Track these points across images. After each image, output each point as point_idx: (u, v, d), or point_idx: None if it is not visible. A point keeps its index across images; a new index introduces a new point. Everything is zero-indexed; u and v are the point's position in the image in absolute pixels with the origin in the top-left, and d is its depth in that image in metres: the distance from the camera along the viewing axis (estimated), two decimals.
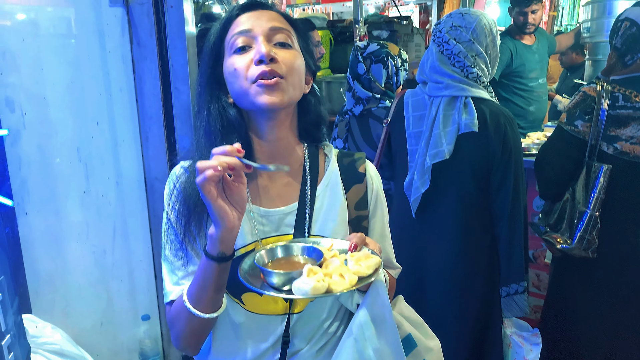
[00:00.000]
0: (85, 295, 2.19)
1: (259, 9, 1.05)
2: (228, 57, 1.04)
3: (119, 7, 2.23)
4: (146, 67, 2.31)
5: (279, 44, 1.02)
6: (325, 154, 1.17)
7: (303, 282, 0.84)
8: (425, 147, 1.91)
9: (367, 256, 0.91)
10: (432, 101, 1.93)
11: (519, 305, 1.89)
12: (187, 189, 1.04)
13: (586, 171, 1.94)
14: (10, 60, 1.83)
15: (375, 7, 7.90)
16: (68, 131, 2.06)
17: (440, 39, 1.92)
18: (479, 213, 1.93)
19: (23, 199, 1.89)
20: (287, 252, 0.97)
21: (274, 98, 0.99)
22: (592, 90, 1.97)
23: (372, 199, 1.16)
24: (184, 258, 1.06)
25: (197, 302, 0.97)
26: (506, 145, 1.84)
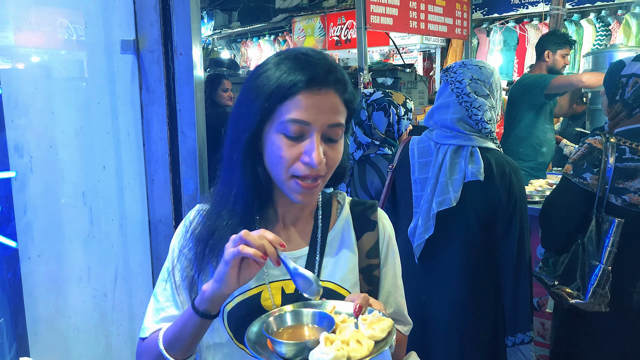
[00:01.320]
0: (83, 339, 2.16)
1: (326, 88, 0.98)
2: (276, 132, 0.98)
3: (130, 54, 2.29)
4: (154, 111, 2.35)
5: (331, 140, 1.00)
6: (338, 201, 1.18)
7: (322, 352, 0.82)
8: (431, 194, 1.93)
9: (379, 319, 0.90)
10: (439, 148, 1.96)
11: (525, 355, 1.86)
12: (197, 235, 1.07)
13: (596, 224, 1.94)
14: (21, 106, 1.87)
15: (380, 54, 8.08)
16: (75, 175, 2.09)
17: (460, 90, 1.94)
18: (484, 261, 1.93)
19: (27, 243, 1.89)
20: (296, 319, 0.95)
21: (308, 199, 1.02)
22: (598, 142, 1.98)
23: (383, 248, 1.16)
24: (172, 301, 1.08)
25: (171, 346, 1.00)
26: (511, 194, 1.86)
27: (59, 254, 2.03)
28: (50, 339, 2.02)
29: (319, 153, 0.96)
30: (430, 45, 7.60)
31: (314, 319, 0.94)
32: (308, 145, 0.97)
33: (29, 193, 1.90)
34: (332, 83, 0.99)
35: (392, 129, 2.49)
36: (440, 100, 2.02)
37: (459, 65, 2.00)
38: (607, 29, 6.26)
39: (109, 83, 2.23)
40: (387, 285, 1.16)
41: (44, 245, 1.96)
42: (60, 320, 2.06)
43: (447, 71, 2.02)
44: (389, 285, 1.16)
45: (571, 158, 2.06)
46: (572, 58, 6.40)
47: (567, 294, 1.97)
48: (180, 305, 1.08)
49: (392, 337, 0.88)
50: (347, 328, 0.88)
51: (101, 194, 2.20)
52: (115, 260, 2.28)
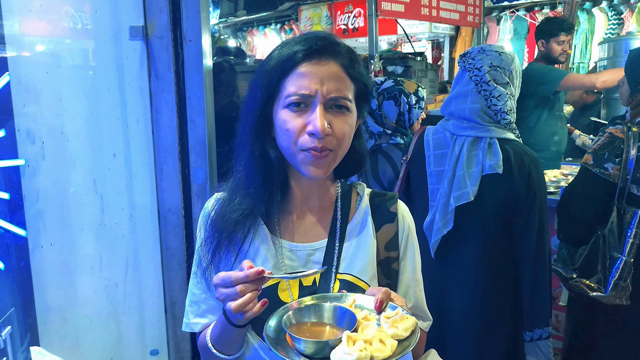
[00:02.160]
0: (95, 329, 2.15)
1: (325, 58, 0.99)
2: (282, 107, 1.00)
3: (138, 40, 2.26)
4: (163, 99, 2.32)
5: (336, 107, 0.99)
6: (357, 193, 1.17)
7: (344, 353, 0.79)
8: (448, 188, 1.87)
9: (402, 317, 0.87)
10: (456, 140, 1.89)
11: (543, 351, 1.82)
12: (216, 224, 1.07)
13: (617, 215, 1.90)
14: (32, 91, 1.84)
15: (388, 43, 8.01)
16: (86, 163, 2.07)
17: (479, 78, 1.85)
18: (502, 255, 1.88)
19: (39, 232, 1.88)
20: (316, 314, 0.92)
21: (319, 171, 1.00)
22: (619, 131, 1.94)
23: (402, 240, 1.14)
24: (207, 292, 1.10)
25: (218, 345, 1.04)
26: (530, 187, 1.80)
27: (71, 243, 2.02)
28: (61, 329, 2.01)
29: (322, 120, 0.95)
30: (439, 34, 7.53)
31: (335, 314, 0.91)
32: (311, 114, 0.97)
33: (40, 181, 1.88)
34: (333, 54, 0.99)
35: (403, 118, 2.45)
36: (458, 89, 1.93)
37: (477, 50, 1.91)
38: (619, 17, 6.17)
39: (117, 70, 2.20)
40: (406, 279, 1.14)
41: (55, 234, 1.94)
42: (71, 309, 2.05)
43: (464, 57, 1.94)
44: (408, 278, 1.14)
45: (591, 148, 2.01)
46: (584, 47, 6.32)
47: (586, 287, 1.93)
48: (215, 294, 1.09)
49: (415, 337, 0.85)
50: (369, 326, 0.85)
51: (111, 182, 2.18)
52: (125, 249, 2.27)
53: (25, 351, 1.52)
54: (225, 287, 0.89)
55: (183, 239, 2.34)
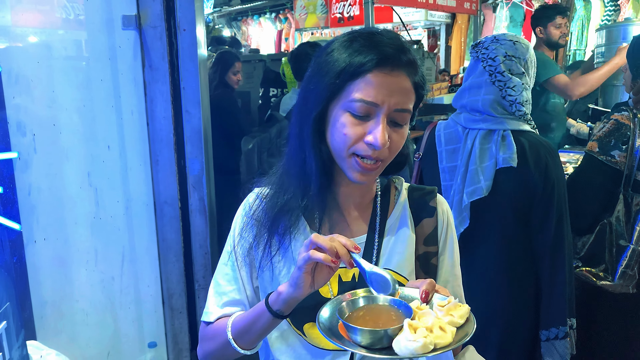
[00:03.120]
0: (91, 323, 2.14)
1: (397, 69, 0.96)
2: (343, 109, 0.97)
3: (131, 30, 2.22)
4: (158, 90, 2.29)
5: (397, 121, 0.98)
6: (395, 187, 1.17)
7: (409, 340, 0.78)
8: (461, 184, 1.80)
9: (456, 305, 0.86)
10: (468, 134, 1.82)
11: (559, 351, 1.74)
12: (259, 217, 1.08)
13: (624, 203, 1.88)
14: (23, 83, 1.81)
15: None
16: (79, 155, 2.04)
17: (493, 69, 1.77)
18: (522, 252, 1.81)
19: (32, 226, 1.85)
20: (371, 304, 0.91)
21: (365, 179, 1.00)
22: (625, 118, 1.92)
23: (442, 235, 1.13)
24: (234, 285, 1.10)
25: (240, 337, 1.02)
26: (548, 179, 1.72)
27: (65, 237, 2.00)
28: (58, 323, 2.00)
29: (383, 135, 0.94)
30: (435, 22, 7.47)
31: (389, 304, 0.90)
32: (373, 125, 0.95)
33: (33, 174, 1.85)
34: (404, 64, 0.96)
35: None
36: (471, 80, 1.84)
37: (491, 40, 1.82)
38: (615, 4, 6.14)
39: (110, 60, 2.17)
40: (445, 274, 1.14)
41: (49, 228, 1.92)
42: (67, 304, 2.03)
43: (476, 47, 1.85)
44: (447, 273, 1.14)
45: (596, 135, 1.99)
46: (580, 34, 6.29)
47: (593, 276, 1.92)
48: (242, 288, 1.10)
49: (472, 324, 0.84)
50: (427, 315, 0.84)
51: (106, 174, 2.15)
52: (121, 242, 2.25)
53: (21, 347, 1.51)
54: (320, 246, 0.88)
55: (179, 231, 2.33)
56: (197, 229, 2.34)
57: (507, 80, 1.75)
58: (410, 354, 0.77)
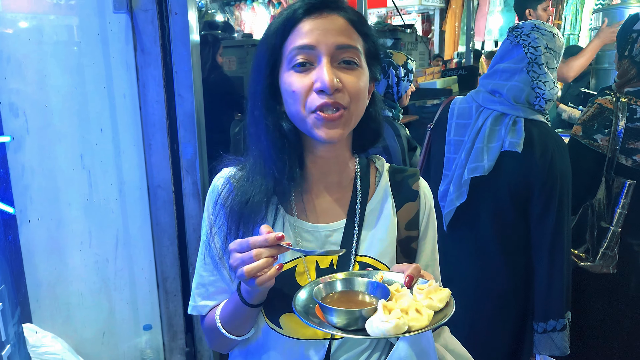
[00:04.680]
0: (86, 305, 2.16)
1: (327, 12, 0.92)
2: (286, 70, 0.93)
3: (122, 13, 2.21)
4: (150, 74, 2.29)
5: (344, 63, 0.92)
6: (376, 168, 1.11)
7: (381, 321, 0.76)
8: (465, 159, 1.80)
9: (436, 289, 0.84)
10: (481, 112, 1.81)
11: (557, 343, 1.73)
12: (229, 204, 1.01)
13: (606, 186, 1.90)
14: (14, 65, 1.81)
15: (377, 16, 7.92)
16: (71, 138, 2.05)
17: (534, 58, 1.73)
18: (517, 240, 1.81)
19: (26, 206, 1.86)
20: (347, 287, 0.89)
21: (333, 133, 0.92)
22: (608, 102, 1.93)
23: (423, 219, 1.09)
24: (216, 275, 1.06)
25: (229, 327, 1.00)
26: (552, 172, 1.70)
27: (59, 218, 2.01)
28: (53, 305, 2.02)
29: (329, 73, 0.88)
30: (428, 7, 7.45)
31: (366, 287, 0.88)
32: (318, 70, 0.90)
33: (25, 155, 1.86)
34: (335, 8, 0.93)
35: (392, 91, 2.43)
36: (507, 64, 1.79)
37: (531, 27, 1.77)
38: None
39: (102, 44, 2.16)
40: (425, 258, 1.11)
41: (43, 208, 1.93)
42: (62, 286, 2.05)
43: (515, 31, 1.81)
44: (427, 258, 1.11)
45: (580, 119, 2.01)
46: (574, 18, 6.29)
47: (575, 257, 1.95)
48: (226, 276, 1.05)
49: (451, 308, 0.83)
50: (404, 297, 0.83)
51: (99, 157, 2.16)
52: (115, 225, 2.26)
53: (16, 324, 1.53)
54: (240, 252, 0.84)
55: (173, 215, 2.34)
56: (190, 212, 2.35)
57: (542, 74, 1.73)
58: (382, 335, 0.76)
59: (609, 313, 2.01)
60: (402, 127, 2.43)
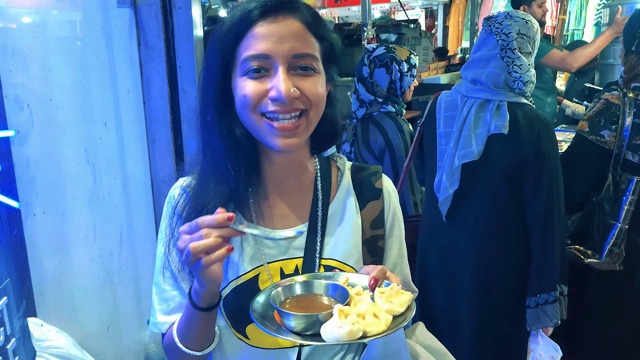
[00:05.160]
0: (91, 299, 2.16)
1: (283, 14, 0.88)
2: (240, 75, 0.88)
3: (126, 7, 2.22)
4: (154, 68, 2.29)
5: (302, 69, 0.88)
6: (337, 167, 1.08)
7: (336, 327, 0.74)
8: (454, 147, 1.85)
9: (397, 292, 0.82)
10: (465, 102, 1.87)
11: (549, 315, 1.77)
12: (188, 216, 0.95)
13: (613, 182, 1.89)
14: (19, 59, 1.81)
15: (381, 11, 7.90)
16: (76, 132, 2.05)
17: (505, 44, 1.81)
18: (512, 219, 1.85)
19: (31, 200, 1.87)
20: (306, 291, 0.86)
21: (290, 142, 0.89)
22: (615, 97, 1.92)
23: (389, 217, 1.06)
24: (177, 289, 1.01)
25: (186, 341, 0.94)
26: (539, 150, 1.75)
27: (64, 212, 2.01)
28: (57, 299, 2.02)
29: (285, 82, 0.84)
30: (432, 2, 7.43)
31: (326, 290, 0.86)
32: (273, 79, 0.86)
33: (30, 148, 1.86)
34: (290, 10, 0.88)
35: (395, 86, 2.43)
36: (482, 53, 1.88)
37: (504, 15, 1.86)
38: None
39: (106, 38, 2.16)
40: (393, 256, 1.08)
41: (47, 202, 1.93)
42: (66, 280, 2.05)
43: (489, 20, 1.88)
44: (395, 256, 1.08)
45: (586, 114, 1.99)
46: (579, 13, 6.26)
47: (581, 253, 1.94)
48: (185, 290, 1.00)
49: (411, 312, 0.81)
50: (362, 301, 0.80)
51: (103, 152, 2.16)
52: (119, 219, 2.26)
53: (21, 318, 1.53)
54: (189, 234, 0.80)
55: None
56: None
57: (516, 58, 1.80)
58: (336, 341, 0.74)
59: (614, 310, 2.00)
60: (405, 123, 2.42)
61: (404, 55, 2.44)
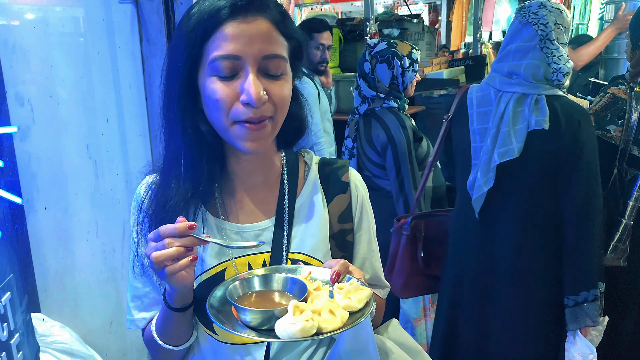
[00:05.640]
0: (94, 294, 2.17)
1: (252, 14, 0.86)
2: (208, 75, 0.87)
3: (128, 3, 2.22)
4: (156, 64, 2.29)
5: (271, 71, 0.88)
6: (305, 162, 1.08)
7: (289, 323, 0.74)
8: (491, 145, 1.78)
9: (356, 288, 0.81)
10: (501, 96, 1.80)
11: (589, 314, 1.71)
12: (153, 213, 0.96)
13: (618, 178, 1.87)
14: (20, 55, 1.81)
15: (384, 6, 7.88)
16: (78, 128, 2.05)
17: (544, 34, 1.74)
18: (549, 215, 1.79)
19: (32, 195, 1.87)
20: (264, 285, 0.86)
21: (257, 145, 0.90)
22: (622, 92, 1.90)
23: (357, 211, 1.06)
24: (149, 285, 1.02)
25: (165, 337, 0.96)
26: (577, 142, 1.70)
27: (66, 207, 2.02)
28: (60, 295, 2.03)
29: (256, 87, 0.84)
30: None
31: (285, 284, 0.85)
32: (243, 81, 0.85)
33: (32, 144, 1.86)
34: (260, 8, 0.87)
35: (397, 82, 2.42)
36: (519, 44, 1.79)
37: (538, 5, 1.78)
38: None
39: (107, 34, 2.16)
40: (363, 251, 1.07)
41: (49, 198, 1.94)
42: (69, 275, 2.06)
43: (523, 10, 1.81)
44: (364, 250, 1.07)
45: (592, 109, 1.98)
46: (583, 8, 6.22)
47: None
48: (158, 285, 1.01)
49: (369, 308, 0.80)
50: (320, 297, 0.79)
51: (105, 147, 2.17)
52: (122, 215, 2.27)
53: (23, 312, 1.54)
54: (155, 241, 0.81)
55: None
56: None
57: (555, 49, 1.74)
58: (289, 337, 0.74)
59: (619, 306, 1.99)
60: (407, 118, 2.42)
61: (406, 50, 2.43)
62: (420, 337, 2.44)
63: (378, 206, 2.45)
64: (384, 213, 2.42)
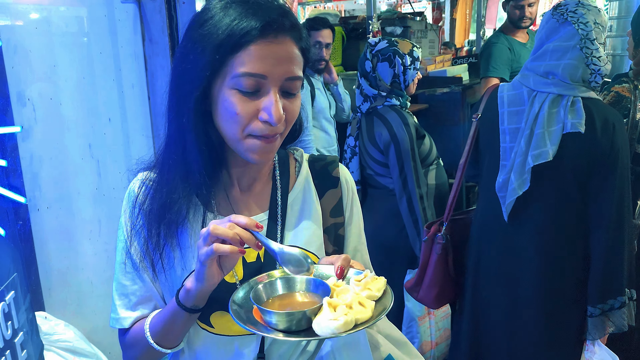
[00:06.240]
0: (98, 293, 2.18)
1: (282, 35, 0.87)
2: (229, 87, 0.87)
3: (130, 3, 2.22)
4: (158, 63, 2.29)
5: (289, 90, 0.90)
6: (295, 159, 1.10)
7: (329, 319, 0.74)
8: (525, 146, 1.74)
9: (373, 279, 0.84)
10: (535, 96, 1.75)
11: (615, 322, 1.68)
12: (148, 207, 0.97)
13: None
14: (22, 55, 1.82)
15: (387, 4, 7.86)
16: (80, 127, 2.06)
17: (585, 34, 1.68)
18: (580, 219, 1.76)
19: (35, 195, 1.88)
20: (287, 287, 0.87)
21: (265, 157, 0.92)
22: (626, 90, 1.89)
23: (347, 205, 1.09)
24: (138, 283, 1.01)
25: (160, 338, 0.96)
26: (613, 147, 1.66)
27: (68, 206, 2.03)
28: (63, 293, 2.04)
29: (278, 109, 0.86)
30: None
31: (307, 285, 0.86)
32: (266, 101, 0.87)
33: (34, 143, 1.87)
34: (289, 29, 0.88)
35: (398, 80, 2.41)
36: (557, 43, 1.73)
37: (575, 3, 1.73)
38: None
39: (110, 34, 2.17)
40: (353, 243, 1.10)
41: (52, 197, 1.95)
42: (73, 274, 2.07)
43: (559, 8, 1.75)
44: (355, 242, 1.11)
45: None
46: None
47: None
48: (149, 284, 1.01)
49: (390, 296, 0.82)
50: (345, 291, 0.81)
51: (108, 147, 2.17)
52: None
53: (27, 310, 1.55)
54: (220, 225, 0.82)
55: None
56: None
57: (595, 49, 1.69)
58: (332, 334, 0.74)
59: None
60: (410, 116, 2.41)
61: (407, 48, 2.42)
62: (424, 334, 2.43)
63: (380, 204, 2.48)
64: (387, 211, 2.42)
